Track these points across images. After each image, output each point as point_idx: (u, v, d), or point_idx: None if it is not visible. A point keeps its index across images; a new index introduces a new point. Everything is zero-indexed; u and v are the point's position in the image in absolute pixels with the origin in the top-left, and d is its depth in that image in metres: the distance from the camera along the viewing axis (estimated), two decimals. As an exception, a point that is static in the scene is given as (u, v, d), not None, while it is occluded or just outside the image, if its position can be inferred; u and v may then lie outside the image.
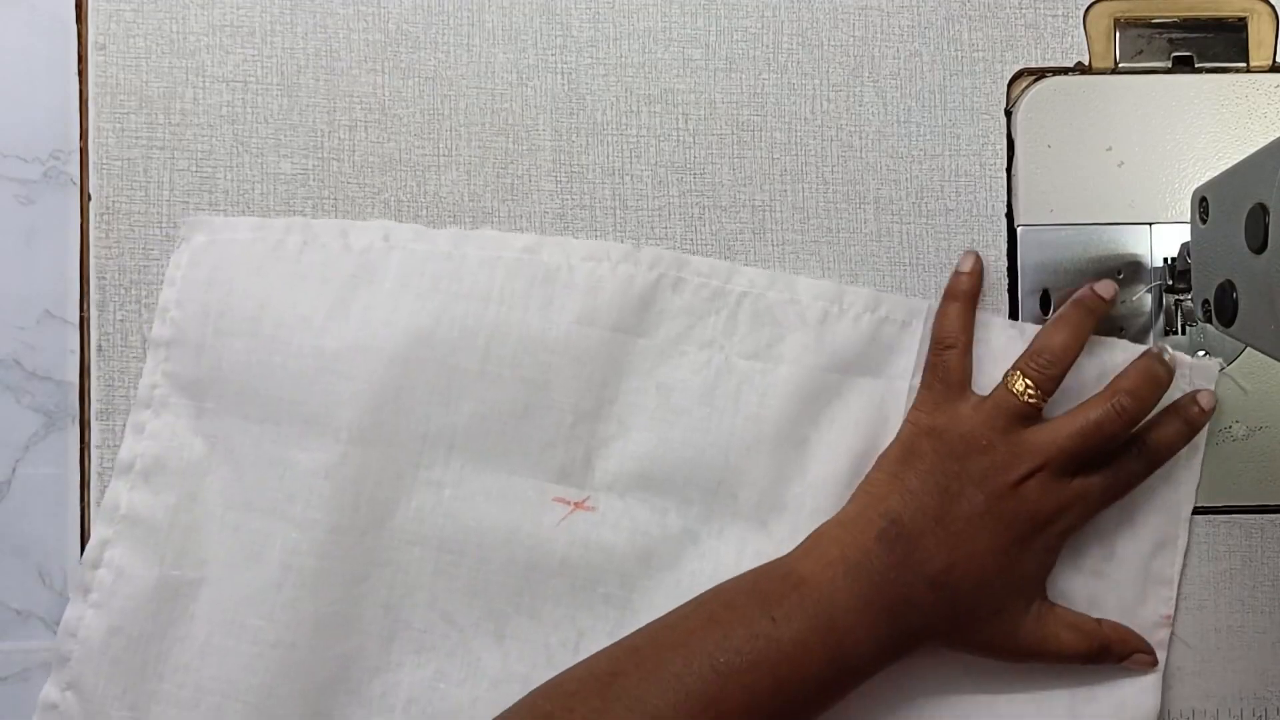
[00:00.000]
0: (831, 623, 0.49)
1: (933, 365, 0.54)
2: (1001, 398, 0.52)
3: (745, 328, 0.56)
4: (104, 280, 0.57)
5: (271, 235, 0.56)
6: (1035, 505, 0.50)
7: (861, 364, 0.55)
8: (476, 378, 0.54)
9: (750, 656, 0.47)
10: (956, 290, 0.55)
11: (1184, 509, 0.55)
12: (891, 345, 0.56)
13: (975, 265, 0.55)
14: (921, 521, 0.50)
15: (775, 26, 0.58)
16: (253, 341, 0.55)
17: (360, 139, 0.57)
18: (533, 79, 0.58)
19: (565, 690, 0.48)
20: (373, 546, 0.54)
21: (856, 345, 0.55)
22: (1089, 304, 0.53)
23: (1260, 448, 0.56)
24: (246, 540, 0.54)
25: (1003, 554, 0.50)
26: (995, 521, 0.50)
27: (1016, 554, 0.51)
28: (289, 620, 0.54)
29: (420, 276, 0.55)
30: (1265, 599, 0.56)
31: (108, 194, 0.57)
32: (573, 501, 0.55)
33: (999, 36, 0.57)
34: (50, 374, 0.57)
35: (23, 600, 0.57)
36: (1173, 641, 0.55)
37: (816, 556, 0.51)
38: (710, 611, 0.49)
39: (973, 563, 0.50)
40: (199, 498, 0.55)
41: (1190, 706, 0.55)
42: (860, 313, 0.56)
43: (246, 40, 0.58)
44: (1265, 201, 0.42)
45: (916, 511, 0.50)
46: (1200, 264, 0.49)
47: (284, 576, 0.54)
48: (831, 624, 0.49)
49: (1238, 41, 0.57)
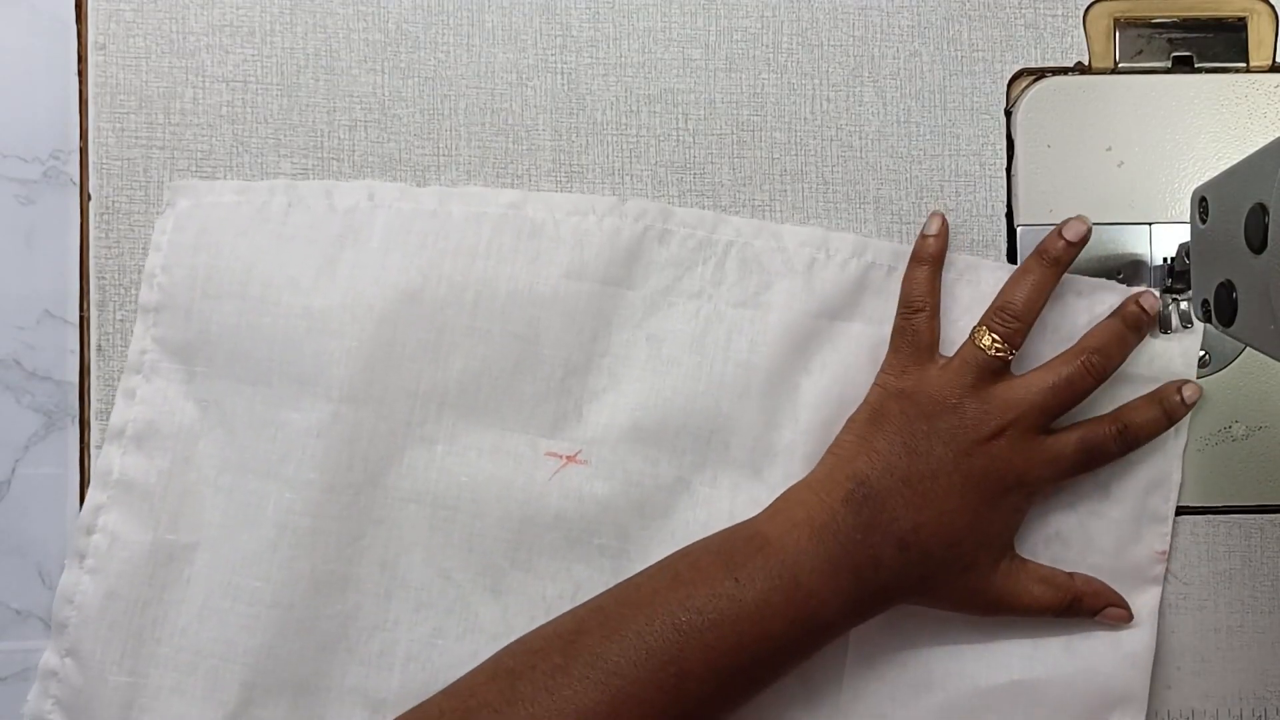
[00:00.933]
0: (796, 583, 0.49)
1: (900, 329, 0.54)
2: (969, 353, 0.52)
3: (733, 276, 0.56)
4: (104, 280, 0.57)
5: (256, 198, 0.56)
6: (1005, 462, 0.50)
7: (850, 309, 0.55)
8: (466, 334, 0.55)
9: (712, 616, 0.48)
10: (923, 253, 0.55)
11: (1177, 445, 0.55)
12: (880, 290, 0.56)
13: (940, 228, 0.55)
14: (889, 482, 0.50)
15: (775, 26, 0.58)
16: (241, 304, 0.55)
17: (360, 139, 0.57)
18: (533, 79, 0.58)
19: (530, 648, 0.49)
20: (367, 505, 0.55)
21: (844, 291, 0.56)
22: (1053, 253, 0.53)
23: (1260, 448, 0.56)
24: (241, 502, 0.55)
25: (971, 512, 0.50)
26: (964, 479, 0.50)
27: (985, 511, 0.51)
28: (286, 581, 0.54)
29: (407, 234, 0.55)
30: (1265, 599, 0.56)
31: (108, 194, 0.57)
32: (565, 455, 0.55)
33: (999, 36, 0.57)
34: (50, 374, 0.57)
35: (23, 600, 0.57)
36: (1167, 578, 0.55)
37: (783, 518, 0.51)
38: (675, 571, 0.50)
39: (941, 522, 0.50)
40: (192, 461, 0.55)
41: (1190, 706, 0.55)
42: (847, 258, 0.56)
43: (246, 40, 0.58)
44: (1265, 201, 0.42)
45: (884, 472, 0.50)
46: (1200, 264, 0.49)
47: (279, 537, 0.54)
48: (796, 585, 0.49)
49: (1238, 41, 0.57)
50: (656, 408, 0.55)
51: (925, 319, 0.53)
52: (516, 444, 0.55)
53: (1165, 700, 0.55)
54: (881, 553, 0.50)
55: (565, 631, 0.49)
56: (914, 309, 0.54)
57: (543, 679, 0.46)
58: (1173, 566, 0.55)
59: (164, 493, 0.55)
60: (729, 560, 0.49)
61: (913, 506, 0.50)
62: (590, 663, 0.47)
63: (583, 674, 0.46)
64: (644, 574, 0.51)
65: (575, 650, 0.47)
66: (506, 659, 0.49)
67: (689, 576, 0.49)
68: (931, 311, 0.54)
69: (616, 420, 0.55)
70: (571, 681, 0.46)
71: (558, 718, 0.46)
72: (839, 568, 0.49)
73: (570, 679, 0.46)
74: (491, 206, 0.56)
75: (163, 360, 0.56)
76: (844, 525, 0.50)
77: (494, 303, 0.55)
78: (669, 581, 0.49)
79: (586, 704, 0.46)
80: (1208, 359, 0.56)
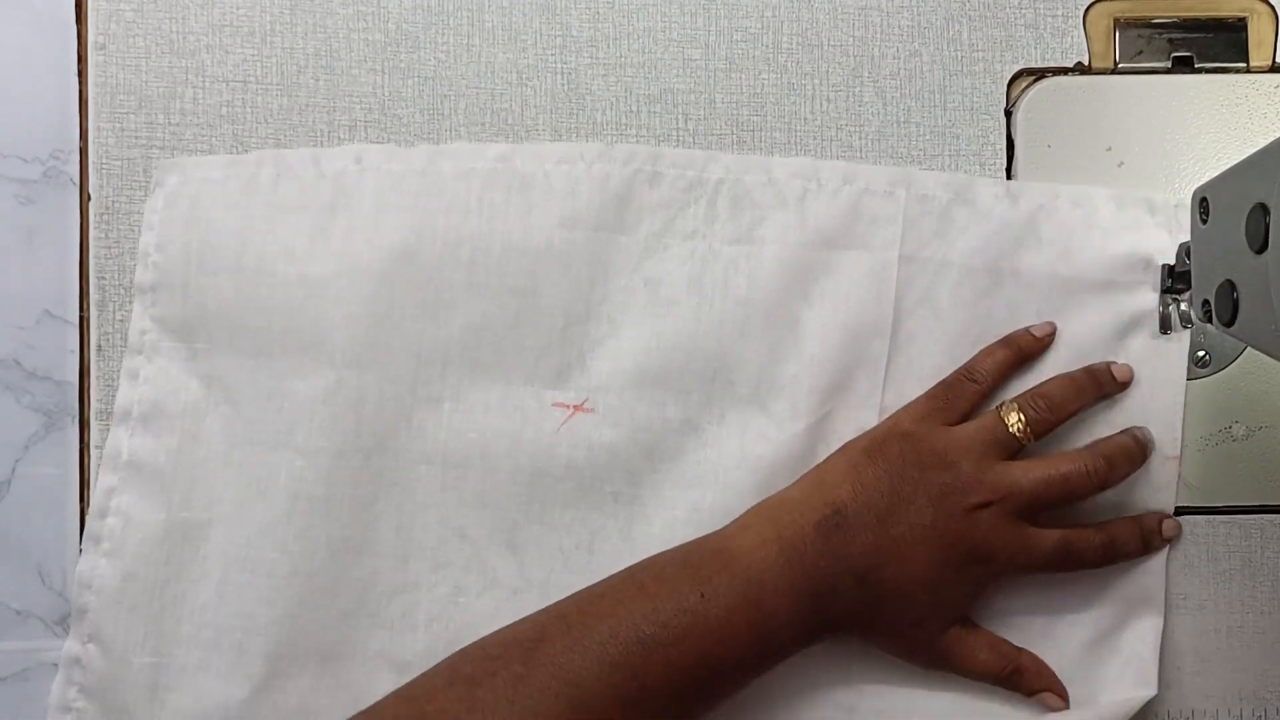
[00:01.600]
0: (760, 602, 0.49)
1: (949, 384, 0.54)
2: (990, 423, 0.52)
3: (726, 214, 0.56)
4: (104, 280, 0.57)
5: (244, 170, 0.56)
6: (982, 536, 0.50)
7: (846, 238, 0.55)
8: (464, 290, 0.55)
9: (676, 631, 0.47)
10: (1015, 342, 0.54)
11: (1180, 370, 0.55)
12: (875, 216, 0.55)
13: (1047, 333, 0.54)
14: (865, 517, 0.50)
15: (775, 26, 0.58)
16: (237, 277, 0.55)
17: (360, 139, 0.57)
18: (533, 79, 0.58)
19: (489, 654, 0.48)
20: (378, 469, 0.55)
21: (839, 219, 0.55)
22: (1102, 378, 0.53)
23: (1260, 448, 0.56)
24: (252, 475, 0.55)
25: (935, 570, 0.50)
26: (937, 539, 0.50)
27: (949, 576, 0.50)
28: (302, 550, 0.54)
29: (397, 195, 0.55)
30: (1265, 599, 0.56)
31: (108, 194, 0.57)
32: (571, 404, 0.55)
33: (999, 36, 0.57)
34: (50, 374, 0.57)
35: (23, 600, 0.57)
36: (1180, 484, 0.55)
37: (753, 534, 0.51)
38: (640, 583, 0.49)
39: (903, 570, 0.50)
40: (200, 438, 0.56)
41: (1190, 706, 0.55)
42: (839, 186, 0.56)
43: (246, 40, 0.58)
44: (1265, 201, 0.42)
45: (863, 507, 0.50)
46: (1200, 264, 0.49)
47: (293, 506, 0.54)
48: (759, 604, 0.49)
49: (1238, 41, 0.57)
50: (659, 351, 0.55)
51: (976, 391, 0.53)
52: (523, 397, 0.55)
53: (1165, 700, 0.55)
54: (840, 583, 0.49)
55: (526, 639, 0.48)
56: (972, 378, 0.53)
57: (503, 687, 0.46)
58: (1173, 567, 0.55)
59: (174, 472, 0.55)
60: (695, 573, 0.49)
61: (880, 547, 0.50)
62: (552, 673, 0.46)
63: (544, 684, 0.46)
64: (606, 583, 0.50)
65: (536, 659, 0.47)
66: (464, 665, 0.48)
67: (654, 589, 0.49)
68: (986, 390, 0.53)
69: (620, 366, 0.55)
70: (532, 691, 0.46)
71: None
72: (800, 591, 0.49)
73: (531, 688, 0.46)
74: (480, 161, 0.56)
75: (163, 340, 0.56)
76: (811, 550, 0.49)
77: (490, 258, 0.55)
78: (634, 592, 0.49)
79: (546, 714, 0.45)
80: (1208, 359, 0.56)
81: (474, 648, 0.49)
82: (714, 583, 0.49)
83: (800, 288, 0.55)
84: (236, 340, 0.55)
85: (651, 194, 0.56)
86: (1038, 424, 0.52)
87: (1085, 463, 0.51)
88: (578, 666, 0.46)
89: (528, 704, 0.46)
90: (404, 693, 0.48)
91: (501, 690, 0.46)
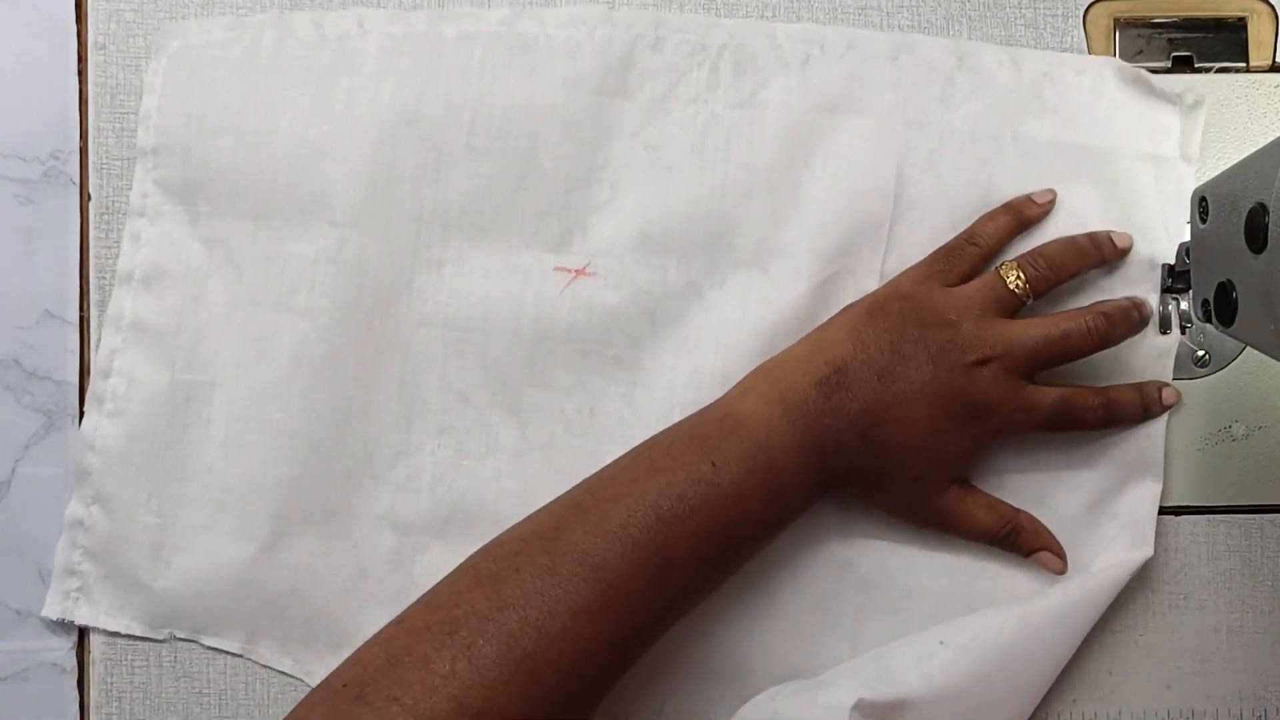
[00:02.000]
0: (769, 464, 0.49)
1: (949, 248, 0.54)
2: (990, 281, 0.52)
3: (728, 78, 0.55)
4: (104, 280, 0.57)
5: (246, 33, 0.56)
6: (981, 392, 0.50)
7: (848, 103, 0.55)
8: (465, 153, 0.55)
9: (693, 502, 0.47)
10: (1016, 207, 0.54)
11: None
12: (879, 82, 0.55)
13: (1048, 200, 0.54)
14: (865, 375, 0.50)
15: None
16: (238, 138, 0.55)
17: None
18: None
19: (509, 550, 0.47)
20: (380, 330, 0.55)
21: (841, 84, 0.55)
22: (1102, 243, 0.53)
23: (1260, 448, 0.56)
24: (255, 336, 0.55)
25: (935, 424, 0.50)
26: (937, 393, 0.50)
27: (948, 430, 0.50)
28: (305, 410, 0.55)
29: (399, 58, 0.55)
30: (1265, 599, 0.56)
31: (108, 194, 0.57)
32: (573, 269, 0.55)
33: (999, 36, 0.57)
34: (50, 374, 0.57)
35: (23, 600, 0.57)
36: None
37: (756, 396, 0.51)
38: (650, 460, 0.49)
39: (904, 425, 0.50)
40: (203, 300, 0.56)
41: (1190, 706, 0.55)
42: (842, 52, 0.56)
43: None
44: (1265, 201, 0.42)
45: (863, 364, 0.50)
46: (1200, 264, 0.49)
47: (296, 367, 0.55)
48: (770, 465, 0.49)
49: (1238, 41, 0.57)
50: (661, 215, 0.55)
51: (976, 254, 0.53)
52: (524, 261, 0.55)
53: (1165, 700, 0.55)
54: (844, 438, 0.50)
55: (545, 530, 0.48)
56: (973, 241, 0.54)
57: (530, 580, 0.45)
58: (1173, 567, 0.55)
59: (177, 333, 0.56)
60: (703, 444, 0.49)
61: (881, 403, 0.50)
62: (577, 560, 0.46)
63: (570, 571, 0.46)
64: (617, 465, 0.50)
65: (559, 549, 0.46)
66: (487, 564, 0.47)
67: (665, 464, 0.49)
68: (986, 253, 0.53)
69: (622, 230, 0.55)
70: (560, 580, 0.45)
71: (551, 619, 0.45)
72: (807, 448, 0.49)
73: (558, 578, 0.45)
74: (483, 25, 0.56)
75: (165, 203, 0.56)
76: (813, 408, 0.50)
77: (491, 120, 0.55)
78: (645, 470, 0.49)
79: (578, 602, 0.45)
80: (1207, 359, 0.56)
81: (493, 545, 0.48)
82: (723, 450, 0.49)
83: (803, 152, 0.55)
84: (238, 202, 0.56)
85: (654, 58, 0.56)
86: (1037, 281, 0.52)
87: (1086, 320, 0.51)
88: (601, 550, 0.46)
89: (557, 594, 0.45)
90: (429, 599, 0.47)
91: (529, 583, 0.45)
